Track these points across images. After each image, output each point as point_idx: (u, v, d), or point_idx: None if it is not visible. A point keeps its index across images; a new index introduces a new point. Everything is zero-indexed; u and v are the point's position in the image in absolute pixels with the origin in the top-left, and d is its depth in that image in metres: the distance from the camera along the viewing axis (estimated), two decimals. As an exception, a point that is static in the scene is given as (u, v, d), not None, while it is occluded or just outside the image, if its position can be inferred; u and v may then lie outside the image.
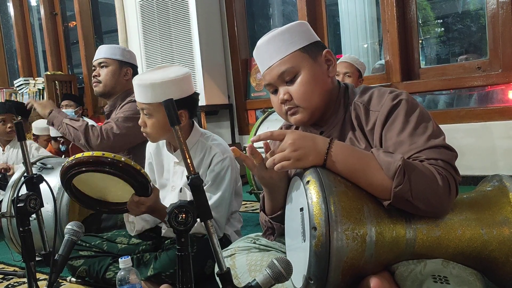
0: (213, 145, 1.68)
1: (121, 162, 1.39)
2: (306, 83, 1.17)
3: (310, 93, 1.18)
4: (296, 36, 1.19)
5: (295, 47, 1.18)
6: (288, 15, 5.13)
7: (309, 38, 1.21)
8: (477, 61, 3.12)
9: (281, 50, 1.18)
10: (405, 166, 0.97)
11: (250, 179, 2.68)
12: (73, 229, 1.22)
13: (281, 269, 0.92)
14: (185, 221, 0.88)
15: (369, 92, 1.19)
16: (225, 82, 4.16)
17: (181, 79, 1.57)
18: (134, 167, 1.41)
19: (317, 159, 1.04)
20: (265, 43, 1.21)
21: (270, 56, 1.20)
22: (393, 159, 0.99)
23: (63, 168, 1.45)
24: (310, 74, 1.18)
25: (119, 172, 1.40)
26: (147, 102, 1.58)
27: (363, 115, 1.16)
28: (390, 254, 1.01)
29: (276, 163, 1.05)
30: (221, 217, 1.64)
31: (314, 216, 0.96)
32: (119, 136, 2.16)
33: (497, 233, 1.02)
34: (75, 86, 5.27)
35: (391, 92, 1.15)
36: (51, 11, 5.58)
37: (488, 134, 2.91)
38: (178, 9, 3.89)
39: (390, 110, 1.11)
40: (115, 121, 2.19)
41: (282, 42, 1.18)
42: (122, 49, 2.40)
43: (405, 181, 0.96)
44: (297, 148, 1.04)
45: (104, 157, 1.39)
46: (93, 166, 1.40)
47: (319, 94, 1.19)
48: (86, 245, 1.74)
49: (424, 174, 0.98)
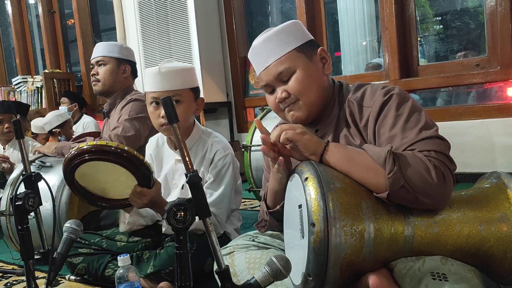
0: (215, 142, 1.69)
1: (125, 151, 1.39)
2: (302, 80, 1.19)
3: (308, 88, 1.19)
4: (291, 36, 1.20)
5: (290, 47, 1.19)
6: (287, 13, 5.13)
7: (303, 37, 1.23)
8: (475, 58, 3.11)
9: (276, 51, 1.20)
10: (394, 154, 1.00)
11: (249, 177, 2.68)
12: (72, 227, 1.22)
13: (279, 267, 0.93)
14: (183, 219, 0.88)
15: (363, 88, 1.21)
16: (223, 80, 4.16)
17: (193, 69, 1.68)
18: (137, 157, 1.41)
19: (316, 147, 1.09)
20: (260, 44, 1.22)
21: (266, 57, 1.21)
22: (382, 148, 1.03)
23: (66, 159, 1.44)
24: (305, 72, 1.19)
25: (122, 161, 1.40)
26: (176, 88, 1.58)
27: (357, 112, 1.18)
28: (389, 251, 1.01)
29: (284, 130, 1.08)
30: (222, 213, 1.64)
31: (313, 212, 0.96)
32: (129, 138, 2.16)
33: (495, 230, 1.02)
34: (74, 84, 5.27)
35: (383, 88, 1.16)
36: (49, 9, 5.57)
37: (487, 131, 2.91)
38: (177, 6, 3.88)
39: (382, 105, 1.12)
40: (123, 123, 2.18)
41: (277, 43, 1.20)
42: (119, 46, 2.39)
43: (397, 166, 0.98)
44: (305, 131, 1.10)
45: (108, 145, 1.39)
46: (96, 154, 1.40)
47: (316, 90, 1.20)
48: (85, 242, 1.74)
49: (413, 162, 0.99)
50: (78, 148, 1.41)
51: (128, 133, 2.16)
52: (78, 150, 1.41)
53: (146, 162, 1.44)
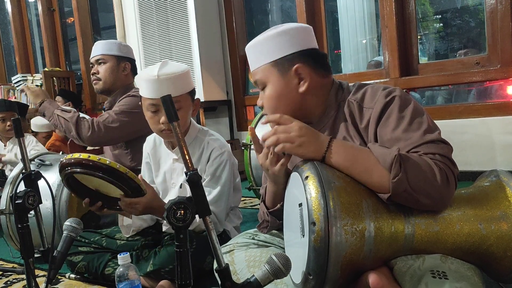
0: (211, 140, 1.69)
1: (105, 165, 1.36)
2: (270, 99, 1.21)
3: (274, 108, 1.21)
4: (271, 48, 1.20)
5: (266, 60, 1.21)
6: (287, 11, 5.12)
7: (284, 50, 1.19)
8: (475, 56, 3.11)
9: (255, 61, 1.23)
10: (401, 157, 0.98)
11: (249, 175, 2.68)
12: (72, 226, 1.23)
13: (279, 265, 0.92)
14: (183, 217, 0.88)
15: (363, 89, 1.19)
16: (223, 78, 4.15)
17: (188, 71, 1.63)
18: (120, 170, 1.38)
19: (317, 152, 1.07)
20: (248, 49, 1.26)
21: (250, 61, 1.26)
22: (389, 151, 1.00)
23: (60, 165, 1.45)
24: (274, 90, 1.20)
25: (105, 175, 1.38)
26: (176, 95, 1.54)
27: (357, 113, 1.17)
28: (389, 249, 1.01)
29: (280, 143, 1.08)
30: (221, 211, 1.64)
31: (313, 211, 0.96)
32: (111, 128, 2.14)
33: (495, 228, 1.02)
34: (73, 83, 5.26)
35: (384, 89, 1.15)
36: (49, 7, 5.56)
37: (487, 130, 2.90)
38: (176, 4, 3.87)
39: (383, 107, 1.11)
40: (110, 113, 2.18)
41: (256, 54, 1.23)
42: (118, 44, 2.38)
43: (402, 171, 0.96)
44: (302, 135, 1.07)
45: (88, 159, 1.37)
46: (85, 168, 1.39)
47: (283, 108, 1.19)
48: (85, 241, 1.74)
49: (420, 165, 0.98)
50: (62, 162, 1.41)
51: (112, 123, 2.14)
52: (62, 164, 1.41)
53: (130, 175, 1.41)
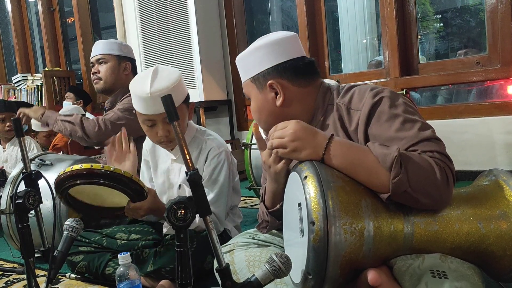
0: (208, 139, 1.69)
1: (111, 172, 1.37)
2: (253, 112, 1.29)
3: (257, 119, 1.29)
4: (250, 64, 1.25)
5: (246, 76, 1.27)
6: (287, 11, 5.11)
7: (260, 66, 1.22)
8: (476, 56, 3.11)
9: (241, 75, 1.30)
10: (402, 157, 0.97)
11: (249, 175, 2.68)
12: (72, 226, 1.23)
13: (280, 265, 0.93)
14: (184, 217, 0.88)
15: (351, 91, 1.19)
16: (224, 78, 4.15)
17: (180, 78, 1.60)
18: (125, 175, 1.39)
19: (314, 154, 1.05)
20: (236, 63, 1.31)
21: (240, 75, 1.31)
22: (389, 150, 0.99)
23: (57, 180, 1.43)
24: (255, 103, 1.27)
25: (110, 182, 1.39)
26: None
27: (345, 116, 1.16)
28: (388, 249, 1.01)
29: (273, 148, 1.10)
30: (220, 211, 1.64)
31: (312, 211, 0.96)
32: (118, 126, 2.14)
33: (494, 227, 1.02)
34: (74, 82, 5.26)
35: (372, 90, 1.13)
36: (49, 6, 5.56)
37: (487, 130, 2.91)
38: (177, 4, 3.88)
39: (371, 108, 1.10)
40: (115, 111, 2.19)
41: (240, 69, 1.30)
42: (119, 44, 2.39)
43: (403, 172, 0.95)
44: (296, 139, 1.06)
45: (97, 169, 1.37)
46: (86, 178, 1.39)
47: (265, 120, 1.26)
48: (86, 240, 1.74)
49: (421, 165, 0.97)
50: (64, 172, 1.40)
51: (118, 121, 2.16)
52: (65, 175, 1.40)
53: (135, 178, 1.42)
